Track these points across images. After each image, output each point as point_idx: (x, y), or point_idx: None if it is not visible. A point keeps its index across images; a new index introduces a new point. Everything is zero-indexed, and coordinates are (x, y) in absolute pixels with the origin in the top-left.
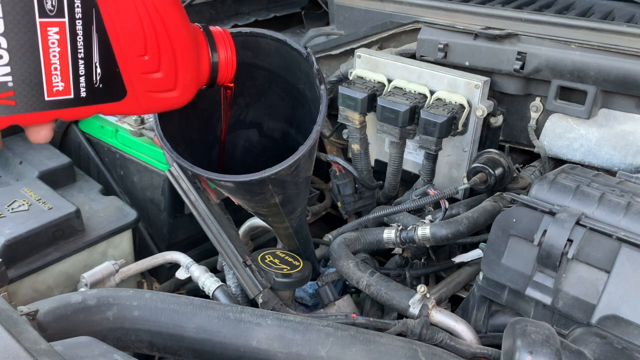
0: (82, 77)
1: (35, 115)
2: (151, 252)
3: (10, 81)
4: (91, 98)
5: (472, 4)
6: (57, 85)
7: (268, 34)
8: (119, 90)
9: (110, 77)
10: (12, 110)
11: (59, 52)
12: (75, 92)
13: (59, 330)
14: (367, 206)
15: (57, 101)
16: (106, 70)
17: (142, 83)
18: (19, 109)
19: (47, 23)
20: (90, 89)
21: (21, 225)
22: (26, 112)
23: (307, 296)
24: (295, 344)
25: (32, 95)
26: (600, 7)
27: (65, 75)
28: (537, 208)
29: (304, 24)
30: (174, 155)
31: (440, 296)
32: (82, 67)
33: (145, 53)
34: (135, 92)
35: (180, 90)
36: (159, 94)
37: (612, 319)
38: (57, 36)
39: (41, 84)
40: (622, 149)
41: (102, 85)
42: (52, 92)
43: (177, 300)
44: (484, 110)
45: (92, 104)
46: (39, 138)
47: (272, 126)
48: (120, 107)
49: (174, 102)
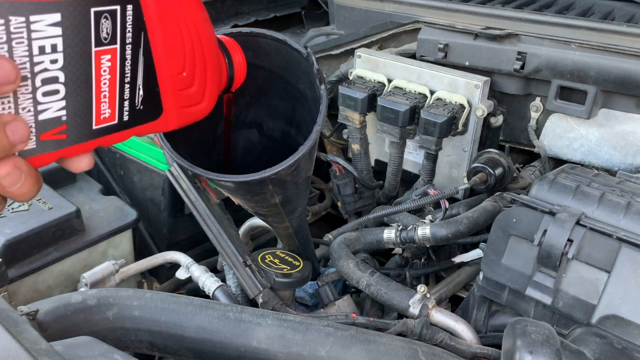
0: (126, 101)
1: (80, 147)
2: (151, 252)
3: (64, 115)
4: (132, 121)
5: (472, 4)
6: (104, 113)
7: (268, 34)
8: (156, 110)
9: (150, 98)
10: (62, 144)
11: (109, 80)
12: (119, 117)
13: (59, 330)
14: (367, 206)
15: (102, 129)
16: (147, 91)
17: (177, 99)
18: (68, 142)
19: (101, 52)
20: (132, 112)
21: (21, 225)
22: (74, 145)
23: (307, 296)
24: (295, 344)
25: (81, 127)
26: (600, 7)
27: (112, 101)
28: (537, 208)
29: (304, 24)
30: (174, 155)
31: (440, 296)
32: (128, 91)
33: (183, 70)
34: (169, 109)
35: (207, 102)
36: (189, 108)
37: (612, 319)
38: (109, 63)
39: (91, 114)
40: (622, 149)
41: (143, 107)
42: (100, 120)
43: (177, 300)
44: (484, 110)
45: (132, 127)
46: (81, 167)
47: (272, 126)
48: (155, 126)
49: (200, 114)
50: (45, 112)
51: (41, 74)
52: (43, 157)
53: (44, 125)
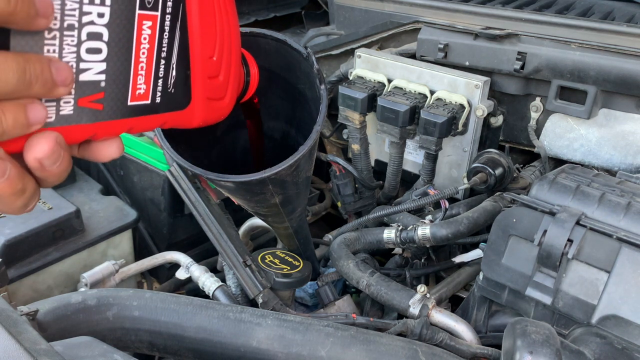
0: (160, 79)
1: (113, 125)
2: (151, 252)
3: (103, 80)
4: (163, 105)
5: (472, 4)
6: (139, 88)
7: (268, 34)
8: (185, 97)
9: (181, 81)
10: (97, 116)
11: (147, 50)
12: (152, 97)
13: (59, 330)
14: (367, 206)
15: (136, 107)
16: (179, 73)
17: (205, 88)
18: (104, 116)
19: (144, 16)
20: (164, 94)
21: (21, 225)
22: (109, 120)
23: (307, 296)
24: (295, 344)
25: (117, 99)
26: (600, 7)
27: (148, 76)
28: (537, 208)
29: (304, 24)
30: (174, 155)
31: (440, 296)
32: (162, 68)
33: (214, 54)
34: (197, 99)
35: (228, 99)
36: (214, 102)
37: (612, 319)
38: (149, 31)
39: (128, 84)
40: (622, 149)
41: (174, 91)
42: (135, 96)
43: (177, 300)
44: (484, 110)
45: (162, 112)
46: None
47: (272, 126)
48: (182, 117)
49: (222, 112)
50: (86, 72)
51: (88, 26)
52: (77, 130)
53: (83, 88)
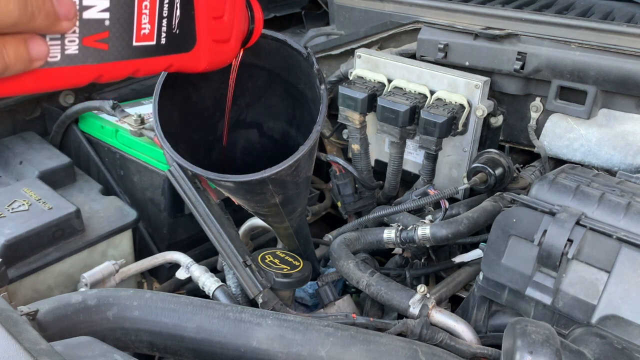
0: (164, 19)
1: (120, 66)
2: (151, 252)
3: (107, 19)
4: (168, 46)
5: (472, 4)
6: (144, 28)
7: (268, 34)
8: (190, 38)
9: (186, 22)
10: (103, 57)
11: None
12: (157, 38)
13: (59, 330)
14: (367, 206)
15: (141, 48)
16: (184, 12)
17: (210, 29)
18: (109, 56)
19: None
20: (169, 34)
21: (21, 225)
22: (115, 60)
23: (307, 296)
24: (295, 344)
25: (122, 39)
26: (600, 7)
27: (152, 16)
28: (537, 208)
29: (304, 24)
30: (174, 155)
31: (440, 296)
32: (166, 7)
33: None
34: (202, 41)
35: (234, 41)
36: (220, 44)
37: (612, 319)
38: None
39: (132, 25)
40: (622, 149)
41: (179, 31)
42: (140, 36)
43: (177, 300)
44: (484, 110)
45: (168, 54)
46: None
47: (272, 126)
48: (188, 60)
49: (228, 55)
50: (90, 9)
51: None
52: (83, 71)
53: (87, 26)
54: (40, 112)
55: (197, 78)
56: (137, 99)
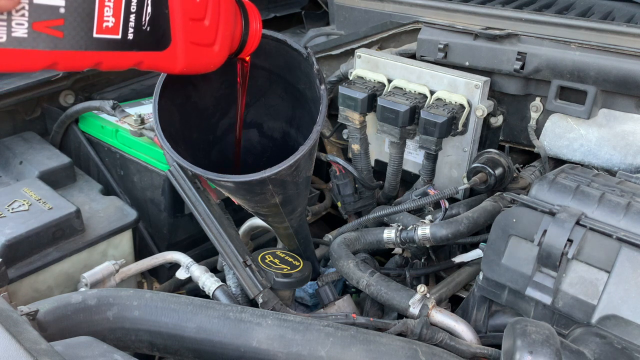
0: (132, 14)
1: (77, 56)
2: (151, 252)
3: (62, 7)
4: (136, 42)
5: (472, 4)
6: (107, 21)
7: (268, 34)
8: (164, 37)
9: (158, 20)
10: (57, 44)
11: None
12: (123, 32)
13: (59, 330)
14: (367, 206)
15: (104, 41)
16: (156, 10)
17: (188, 31)
18: (65, 44)
19: None
20: (138, 30)
21: (21, 225)
22: (71, 50)
23: (307, 296)
24: (295, 344)
25: (80, 29)
26: (600, 7)
27: (117, 9)
28: (537, 208)
29: (304, 24)
30: (174, 155)
31: (440, 296)
32: (135, 2)
33: None
34: (178, 42)
35: (218, 47)
36: (200, 47)
37: (612, 319)
38: None
39: (92, 16)
40: (622, 149)
41: (150, 29)
42: (102, 29)
43: (177, 300)
44: (484, 110)
45: (136, 50)
46: None
47: (272, 126)
48: (161, 59)
49: (211, 60)
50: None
51: None
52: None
53: (38, 11)
54: (40, 112)
55: (197, 78)
56: (137, 99)
